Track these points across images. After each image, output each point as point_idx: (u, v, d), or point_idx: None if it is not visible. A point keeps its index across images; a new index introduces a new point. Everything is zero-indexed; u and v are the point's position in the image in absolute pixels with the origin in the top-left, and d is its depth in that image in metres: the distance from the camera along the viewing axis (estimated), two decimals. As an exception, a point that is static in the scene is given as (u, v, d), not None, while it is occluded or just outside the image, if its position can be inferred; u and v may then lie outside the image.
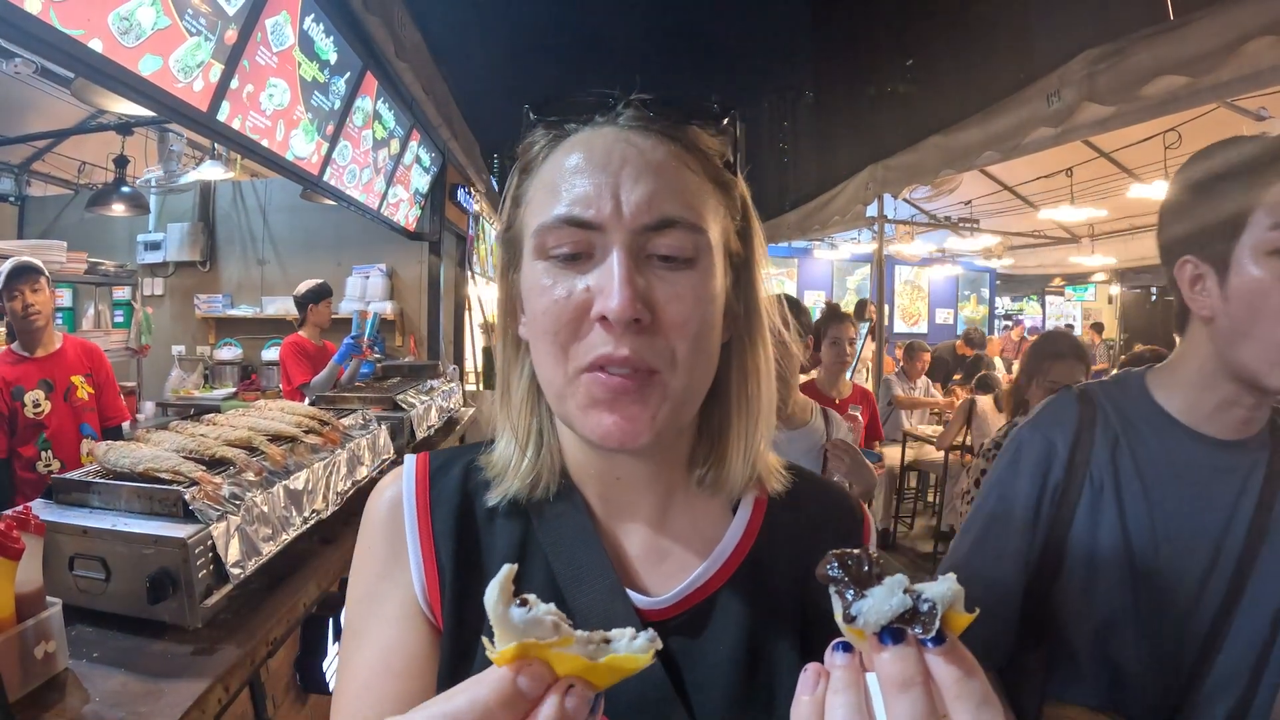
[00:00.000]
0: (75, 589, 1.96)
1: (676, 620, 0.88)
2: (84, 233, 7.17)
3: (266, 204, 7.82)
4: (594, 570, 0.88)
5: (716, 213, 0.84)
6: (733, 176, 0.88)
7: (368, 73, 4.53)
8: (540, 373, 0.85)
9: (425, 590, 0.90)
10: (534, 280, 0.82)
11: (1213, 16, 3.26)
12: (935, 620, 0.56)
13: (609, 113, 0.83)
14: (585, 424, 0.80)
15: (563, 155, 0.83)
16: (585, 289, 0.78)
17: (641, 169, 0.79)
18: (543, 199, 0.82)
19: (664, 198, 0.79)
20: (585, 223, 0.78)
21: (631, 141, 0.81)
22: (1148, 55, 3.63)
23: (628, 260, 0.77)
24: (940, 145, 5.99)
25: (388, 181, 5.74)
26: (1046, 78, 4.53)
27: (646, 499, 0.93)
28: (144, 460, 2.14)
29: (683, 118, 0.84)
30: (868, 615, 0.57)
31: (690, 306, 0.79)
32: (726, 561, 0.91)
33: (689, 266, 0.80)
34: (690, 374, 0.81)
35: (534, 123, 0.87)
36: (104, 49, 2.37)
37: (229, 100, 3.17)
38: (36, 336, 4.06)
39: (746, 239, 0.91)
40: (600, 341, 0.77)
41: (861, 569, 0.60)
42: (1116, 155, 7.50)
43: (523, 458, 0.92)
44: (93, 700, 1.70)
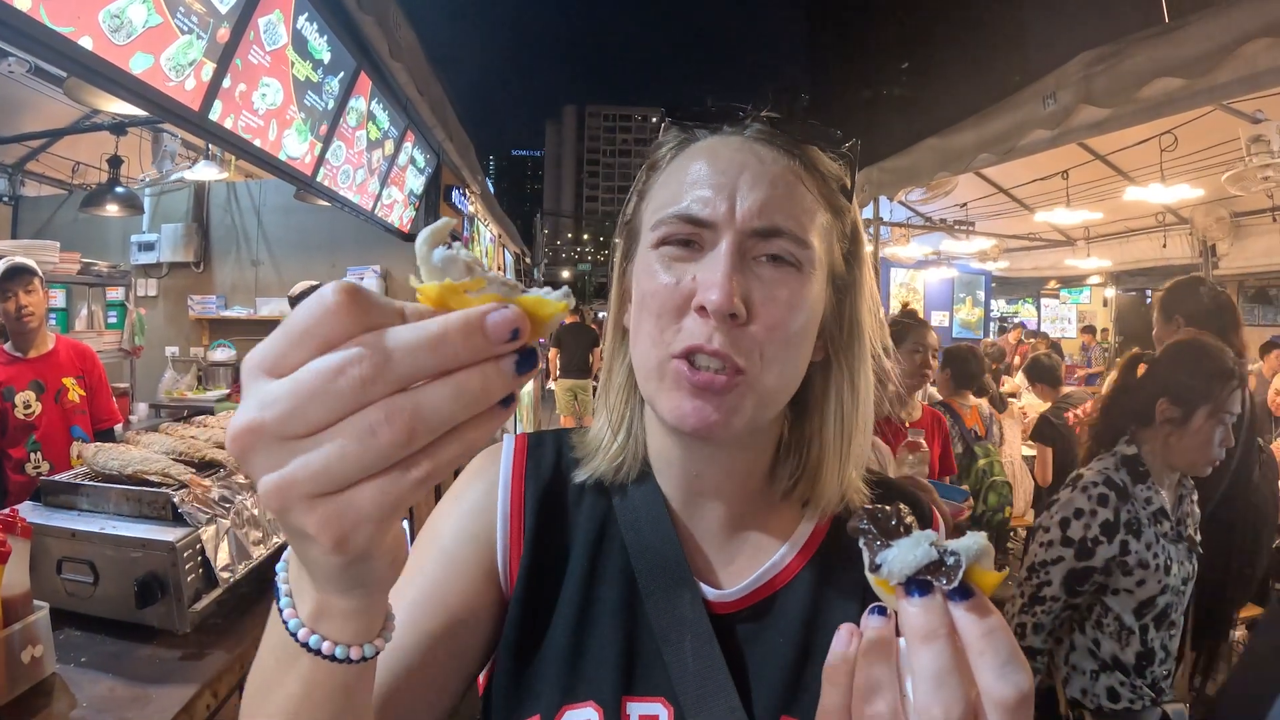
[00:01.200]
0: (63, 592, 1.95)
1: (744, 613, 0.92)
2: (77, 233, 7.14)
3: (261, 205, 7.79)
4: (664, 554, 0.93)
5: (825, 232, 0.89)
6: (847, 202, 0.93)
7: (361, 73, 4.51)
8: (636, 353, 0.90)
9: (508, 559, 0.94)
10: (647, 266, 0.88)
11: (1210, 19, 3.26)
12: (959, 573, 0.56)
13: (737, 124, 0.90)
14: (667, 405, 0.84)
15: (688, 159, 0.89)
16: (692, 279, 0.83)
17: (759, 177, 0.85)
18: (665, 195, 0.89)
19: (775, 208, 0.84)
20: (700, 220, 0.84)
21: (753, 151, 0.87)
22: (1145, 57, 3.62)
23: (733, 259, 0.82)
24: (936, 147, 5.99)
25: (382, 182, 5.71)
26: (1043, 80, 4.53)
27: (723, 498, 0.96)
28: (133, 463, 2.12)
29: (805, 138, 0.89)
30: (892, 565, 0.58)
31: (784, 310, 0.83)
32: (795, 557, 0.95)
33: (789, 272, 0.84)
34: (776, 374, 0.85)
35: (668, 125, 0.94)
36: (94, 46, 2.35)
37: (221, 99, 3.14)
38: (29, 337, 4.05)
39: (853, 264, 0.95)
40: (696, 330, 0.81)
41: (889, 522, 0.62)
42: (1112, 158, 7.51)
43: (613, 441, 0.99)
44: (80, 705, 1.69)
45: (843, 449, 0.95)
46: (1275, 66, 3.43)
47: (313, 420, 0.43)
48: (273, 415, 0.44)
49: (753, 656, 0.89)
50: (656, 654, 0.88)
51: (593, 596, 0.92)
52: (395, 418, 0.43)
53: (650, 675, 0.88)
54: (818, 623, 0.91)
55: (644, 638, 0.89)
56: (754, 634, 0.91)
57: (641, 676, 0.88)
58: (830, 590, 0.93)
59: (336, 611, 0.57)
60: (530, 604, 0.92)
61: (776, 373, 0.84)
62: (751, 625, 0.91)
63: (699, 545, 0.96)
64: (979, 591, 0.57)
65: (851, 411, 0.95)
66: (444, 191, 7.39)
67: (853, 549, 0.93)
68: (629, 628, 0.90)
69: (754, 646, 0.90)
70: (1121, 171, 7.74)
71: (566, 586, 0.93)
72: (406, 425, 0.43)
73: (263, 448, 0.44)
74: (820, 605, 0.92)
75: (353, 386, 0.43)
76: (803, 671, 0.88)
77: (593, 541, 0.95)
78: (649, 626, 0.89)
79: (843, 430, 0.95)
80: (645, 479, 0.98)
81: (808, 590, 0.93)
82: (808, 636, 0.90)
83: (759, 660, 0.89)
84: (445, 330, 0.44)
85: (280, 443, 0.44)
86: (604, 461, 0.97)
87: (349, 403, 0.43)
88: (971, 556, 0.57)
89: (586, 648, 0.89)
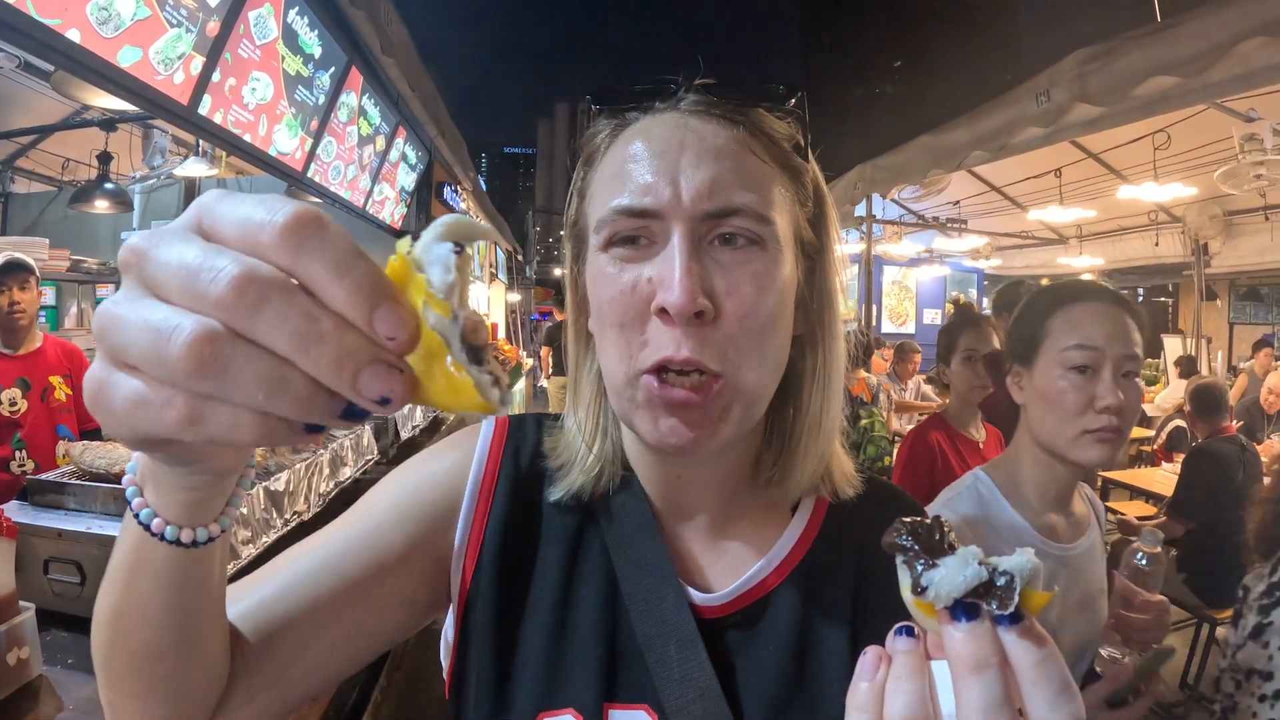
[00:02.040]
0: (50, 593, 1.93)
1: (732, 618, 0.86)
2: (67, 230, 7.09)
3: (251, 201, 7.76)
4: (647, 554, 0.87)
5: (785, 200, 0.81)
6: (803, 161, 0.85)
7: (353, 68, 4.49)
8: (604, 366, 0.82)
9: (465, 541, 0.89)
10: (598, 272, 0.80)
11: (1204, 17, 3.26)
12: (1013, 596, 0.51)
13: (670, 99, 0.81)
14: (643, 426, 0.78)
15: (623, 146, 0.81)
16: (648, 280, 0.75)
17: (702, 154, 0.76)
18: (604, 190, 0.81)
19: (726, 184, 0.75)
20: (645, 211, 0.76)
21: (691, 127, 0.78)
22: (1139, 56, 3.62)
23: (688, 249, 0.74)
24: (928, 145, 5.99)
25: (373, 179, 5.70)
26: (1036, 77, 4.52)
27: (708, 498, 0.91)
28: (120, 461, 2.10)
29: (747, 101, 0.81)
30: (939, 586, 0.53)
31: (754, 295, 0.76)
32: (784, 561, 0.89)
33: (753, 252, 0.77)
34: (759, 370, 0.78)
35: (596, 113, 0.85)
36: (81, 39, 2.33)
37: (210, 94, 3.12)
38: (19, 335, 4.02)
39: (820, 227, 0.88)
40: (663, 339, 0.74)
41: (932, 537, 0.56)
42: (1105, 156, 7.53)
43: (588, 453, 0.91)
44: (66, 708, 1.67)
45: (820, 426, 0.88)
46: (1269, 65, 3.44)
47: (163, 284, 0.39)
48: (149, 256, 0.39)
49: (742, 663, 0.84)
50: (640, 659, 0.83)
51: (571, 597, 0.87)
52: (199, 334, 0.36)
53: (633, 682, 0.83)
54: (811, 627, 0.86)
55: (626, 642, 0.85)
56: (743, 639, 0.86)
57: (624, 683, 0.83)
58: (825, 592, 0.88)
59: (165, 484, 0.55)
60: (499, 600, 0.87)
61: (756, 366, 0.77)
62: (741, 630, 0.86)
63: (684, 545, 0.91)
64: (1029, 615, 0.52)
65: (825, 385, 0.89)
66: (436, 188, 7.38)
67: (848, 547, 0.92)
68: (610, 631, 0.85)
69: (743, 652, 0.85)
70: (1114, 170, 7.76)
71: (540, 584, 0.88)
72: (201, 348, 0.36)
73: (127, 277, 0.40)
74: (814, 609, 0.87)
75: (206, 279, 0.37)
76: (795, 679, 0.84)
77: (570, 537, 0.90)
78: (631, 630, 0.85)
79: (820, 406, 0.88)
80: (629, 484, 0.92)
81: (801, 593, 0.88)
82: (801, 642, 0.86)
83: (749, 667, 0.84)
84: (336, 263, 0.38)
85: (139, 283, 0.39)
86: (581, 475, 0.90)
87: (192, 295, 0.37)
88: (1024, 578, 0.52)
89: (565, 651, 0.85)
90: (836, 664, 0.84)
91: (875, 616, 0.86)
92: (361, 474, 3.22)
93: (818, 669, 0.84)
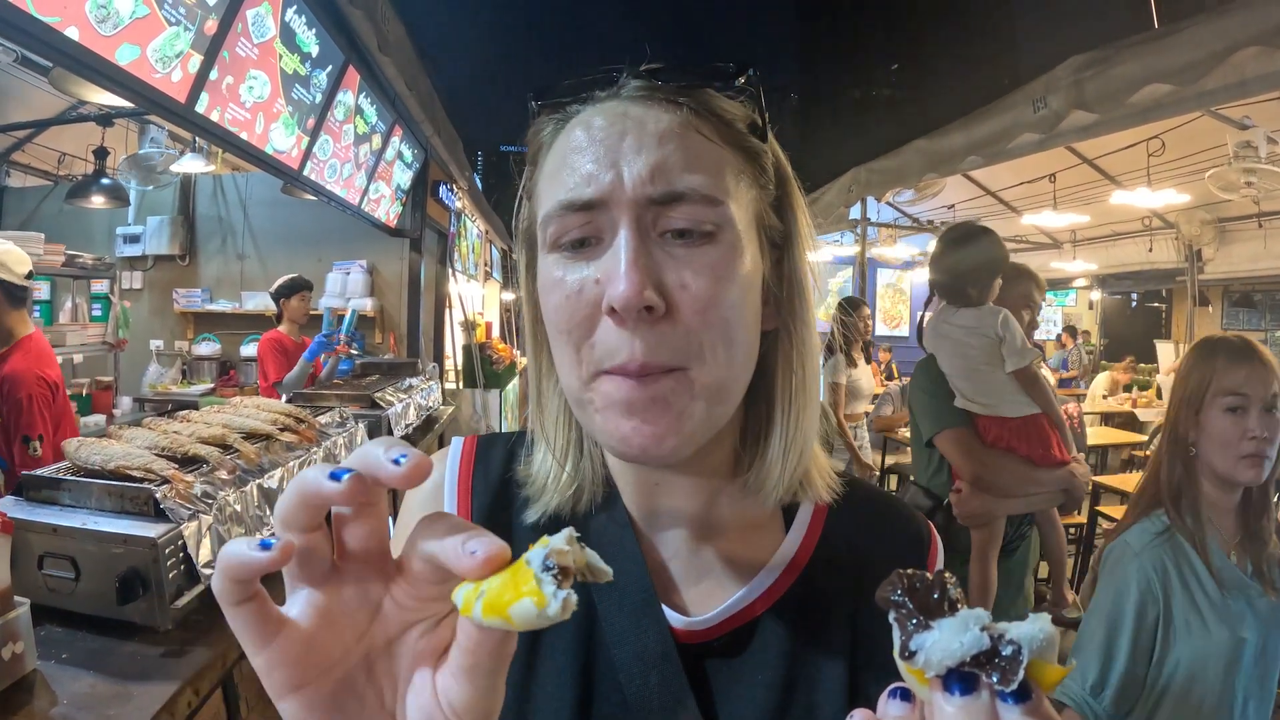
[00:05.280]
0: (44, 588, 1.93)
1: (717, 643, 0.81)
2: (63, 225, 7.07)
3: (247, 198, 7.76)
4: (631, 587, 0.81)
5: (740, 183, 0.75)
6: (760, 142, 0.78)
7: (350, 66, 4.49)
8: (560, 375, 0.78)
9: None
10: (546, 275, 0.75)
11: (1201, 26, 3.27)
12: (1019, 669, 0.43)
13: (610, 87, 0.76)
14: (604, 431, 0.73)
15: (564, 139, 0.75)
16: (595, 280, 0.70)
17: (643, 138, 0.71)
18: (548, 188, 0.75)
19: (671, 167, 0.70)
20: (586, 203, 0.70)
21: (630, 113, 0.73)
22: (1135, 64, 3.63)
23: (634, 241, 0.69)
24: (924, 149, 6.00)
25: (369, 177, 5.69)
26: (1032, 84, 4.53)
27: (689, 506, 0.84)
28: (115, 457, 2.10)
29: (693, 82, 0.75)
30: (930, 652, 0.45)
31: (709, 286, 0.70)
32: (776, 581, 0.83)
33: (707, 242, 0.71)
34: (725, 366, 0.72)
35: (537, 110, 0.80)
36: (80, 37, 2.33)
37: (208, 92, 3.12)
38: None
39: (785, 212, 0.82)
40: (614, 342, 0.69)
41: (930, 595, 0.48)
42: (1099, 162, 7.55)
43: (561, 471, 0.85)
44: (61, 702, 1.67)
45: (793, 423, 0.81)
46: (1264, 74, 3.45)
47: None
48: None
49: (725, 693, 0.79)
50: (617, 689, 0.78)
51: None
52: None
53: (610, 712, 0.78)
54: (800, 657, 0.80)
55: (602, 670, 0.80)
56: (728, 667, 0.80)
57: (601, 716, 0.79)
58: (816, 619, 0.82)
59: None
60: None
61: (722, 361, 0.71)
62: (727, 657, 0.80)
63: (663, 564, 0.84)
64: (1038, 691, 0.44)
65: (800, 380, 0.82)
66: (432, 187, 7.37)
67: (845, 566, 0.85)
68: (585, 659, 0.80)
69: (727, 682, 0.79)
70: (1109, 175, 7.78)
71: None
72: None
73: None
74: (805, 635, 0.81)
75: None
76: (783, 711, 0.79)
77: None
78: (610, 660, 0.79)
79: (793, 402, 0.81)
80: (610, 502, 0.85)
81: (790, 618, 0.82)
82: (790, 671, 0.80)
83: (734, 697, 0.79)
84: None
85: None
86: (557, 496, 0.84)
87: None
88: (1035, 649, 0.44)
89: (537, 679, 0.81)
90: (833, 698, 0.79)
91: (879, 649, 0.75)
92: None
93: (812, 703, 0.79)
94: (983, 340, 3.00)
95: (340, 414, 3.43)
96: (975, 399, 3.02)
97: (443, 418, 5.83)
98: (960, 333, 3.06)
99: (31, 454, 3.44)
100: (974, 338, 3.02)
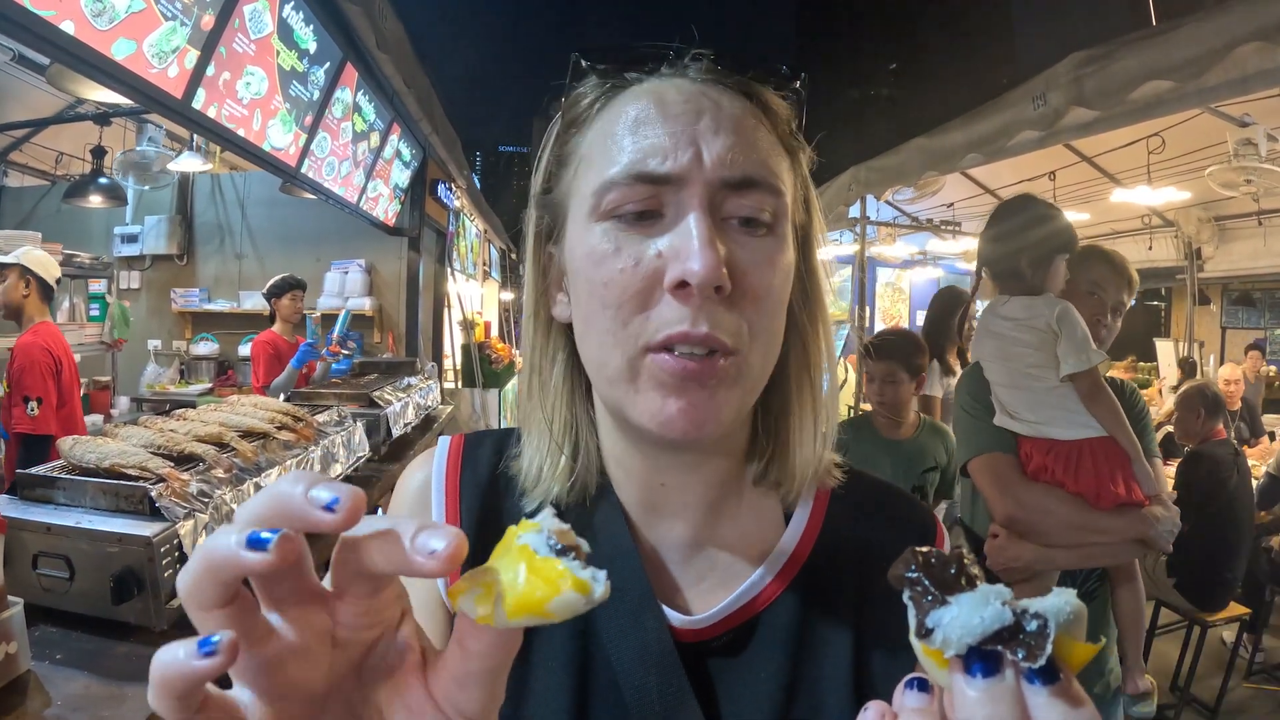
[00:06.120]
0: (38, 588, 1.92)
1: (717, 641, 0.79)
2: (60, 224, 7.09)
3: (245, 197, 7.76)
4: (622, 573, 0.78)
5: (788, 178, 0.76)
6: (798, 143, 0.80)
7: (347, 64, 4.48)
8: (589, 355, 0.75)
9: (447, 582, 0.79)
10: (591, 246, 0.72)
11: (1200, 22, 3.25)
12: (1046, 644, 0.40)
13: (675, 64, 0.75)
14: (645, 411, 0.71)
15: (626, 105, 0.73)
16: (657, 254, 0.69)
17: (721, 121, 0.71)
18: (602, 154, 0.73)
19: (746, 154, 0.70)
20: (661, 176, 0.69)
21: (707, 94, 0.72)
22: (1135, 60, 3.62)
23: (708, 219, 0.68)
24: (923, 147, 5.98)
25: (367, 175, 5.68)
26: (1031, 81, 4.52)
27: (693, 505, 0.82)
28: (110, 456, 2.09)
29: (757, 76, 0.76)
30: (949, 629, 0.42)
31: (769, 277, 0.71)
32: (778, 575, 0.81)
33: (769, 232, 0.72)
34: (764, 355, 0.73)
35: (585, 71, 0.77)
36: (76, 31, 2.32)
37: (205, 88, 3.11)
38: None
39: (809, 211, 0.84)
40: (674, 316, 0.68)
41: (948, 570, 0.45)
42: (1099, 160, 7.53)
43: (559, 457, 0.83)
44: (55, 704, 1.66)
45: (815, 420, 0.81)
46: (1265, 70, 3.44)
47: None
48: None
49: (728, 693, 0.77)
50: (615, 689, 0.76)
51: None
52: None
53: (609, 714, 0.77)
54: (804, 654, 0.79)
55: (600, 671, 0.78)
56: (729, 667, 0.78)
57: (598, 713, 0.77)
58: (819, 613, 0.80)
59: None
60: None
61: (763, 351, 0.72)
62: (727, 656, 0.79)
63: (662, 562, 0.83)
64: (1066, 670, 0.41)
65: (819, 376, 0.82)
66: (430, 185, 7.38)
67: (848, 557, 0.83)
68: (582, 659, 0.79)
69: (729, 681, 0.78)
70: (1108, 174, 7.76)
71: None
72: None
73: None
74: (809, 632, 0.79)
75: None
76: (789, 706, 0.77)
77: None
78: (606, 658, 0.77)
79: (813, 398, 0.81)
80: (605, 494, 0.84)
81: (793, 614, 0.80)
82: (794, 665, 0.78)
83: (735, 697, 0.77)
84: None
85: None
86: (555, 484, 0.82)
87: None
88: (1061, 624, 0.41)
89: (532, 682, 0.79)
90: (839, 693, 0.78)
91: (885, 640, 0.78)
92: (353, 471, 3.21)
93: (817, 701, 0.78)
94: (1034, 336, 2.43)
95: (338, 413, 3.42)
96: (1019, 415, 2.44)
97: (441, 417, 5.82)
98: (1007, 326, 2.50)
99: (29, 414, 3.92)
100: (1023, 333, 2.45)
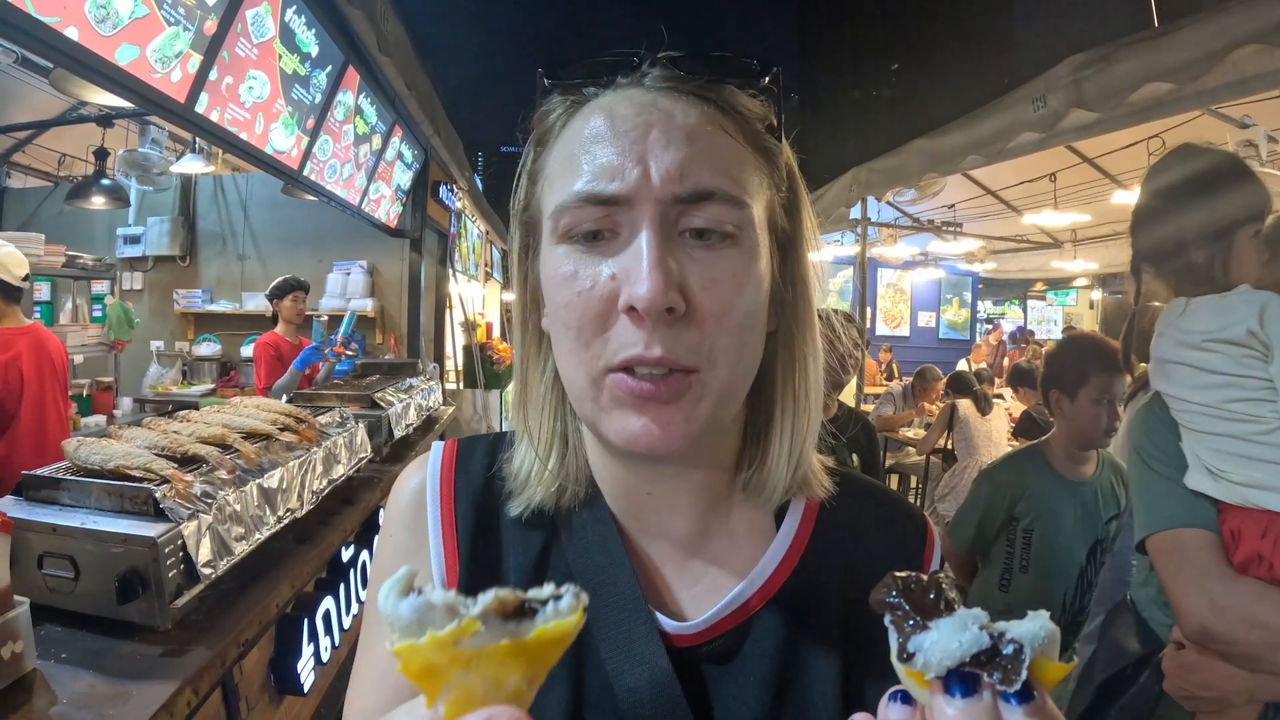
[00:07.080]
0: (44, 588, 1.93)
1: (708, 647, 0.79)
2: (63, 226, 7.11)
3: (247, 199, 7.76)
4: (614, 579, 0.79)
5: (759, 184, 0.74)
6: (776, 143, 0.77)
7: (349, 67, 4.49)
8: (562, 370, 0.76)
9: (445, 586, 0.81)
10: (554, 268, 0.73)
11: (1200, 24, 3.26)
12: (1022, 668, 0.43)
13: (632, 73, 0.73)
14: (610, 427, 0.71)
15: (581, 123, 0.73)
16: (611, 276, 0.69)
17: (672, 133, 0.69)
18: (561, 174, 0.73)
19: (699, 165, 0.69)
20: (609, 197, 0.68)
21: (659, 105, 0.71)
22: (1135, 62, 3.63)
23: (658, 239, 0.67)
24: (924, 148, 5.99)
25: (369, 177, 5.69)
26: (1031, 82, 4.53)
27: (681, 516, 0.83)
28: (115, 457, 2.10)
29: (717, 76, 0.73)
30: (929, 653, 0.45)
31: (731, 292, 0.69)
32: (768, 581, 0.81)
33: (729, 245, 0.70)
34: (732, 369, 0.71)
35: (549, 88, 0.77)
36: (79, 37, 2.33)
37: (207, 92, 3.12)
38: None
39: (794, 213, 0.81)
40: (629, 338, 0.68)
41: (927, 595, 0.47)
42: (1100, 161, 7.53)
43: (544, 465, 0.84)
44: (60, 702, 1.67)
45: (794, 424, 0.81)
46: (1264, 72, 3.45)
47: None
48: None
49: (719, 698, 0.78)
50: (609, 694, 0.76)
51: None
52: None
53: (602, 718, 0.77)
54: (797, 657, 0.79)
55: (593, 677, 0.78)
56: (721, 672, 0.79)
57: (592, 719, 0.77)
58: (810, 619, 0.81)
59: None
60: None
61: (731, 365, 0.71)
62: (718, 662, 0.79)
63: (654, 568, 0.83)
64: (1040, 690, 0.44)
65: (804, 382, 0.81)
66: (431, 187, 7.37)
67: (838, 562, 0.84)
68: (575, 665, 0.78)
69: (721, 686, 0.78)
70: (1109, 175, 7.76)
71: None
72: None
73: None
74: (799, 637, 0.80)
75: None
76: (778, 710, 0.77)
77: (531, 566, 0.83)
78: (599, 663, 0.77)
79: (795, 404, 0.81)
80: (593, 500, 0.84)
81: (783, 619, 0.80)
82: (784, 669, 0.79)
83: (727, 702, 0.77)
84: None
85: None
86: (540, 489, 0.83)
87: None
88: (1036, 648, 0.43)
89: None
90: (827, 699, 0.78)
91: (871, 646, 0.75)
92: (355, 472, 3.22)
93: (806, 705, 0.78)
94: (1230, 355, 1.67)
95: (340, 414, 3.43)
96: (1221, 473, 1.65)
97: (443, 418, 5.82)
98: (1195, 339, 1.74)
99: None
100: (1216, 350, 1.69)
